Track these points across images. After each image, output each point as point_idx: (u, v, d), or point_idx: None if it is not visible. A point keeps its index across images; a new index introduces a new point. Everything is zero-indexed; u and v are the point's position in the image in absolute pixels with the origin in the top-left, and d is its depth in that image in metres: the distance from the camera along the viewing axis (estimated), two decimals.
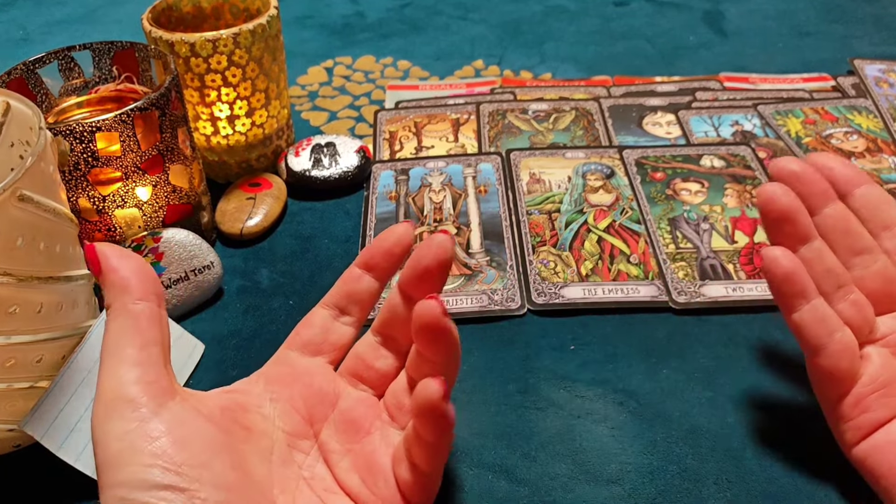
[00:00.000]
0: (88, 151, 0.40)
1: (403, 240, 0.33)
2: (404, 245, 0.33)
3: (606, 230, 0.49)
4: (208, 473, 0.25)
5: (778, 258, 0.32)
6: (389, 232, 0.33)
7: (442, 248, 0.31)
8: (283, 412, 0.31)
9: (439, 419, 0.27)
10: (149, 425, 0.25)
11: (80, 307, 0.36)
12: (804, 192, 0.34)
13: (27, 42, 0.79)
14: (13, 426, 0.34)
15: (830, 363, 0.31)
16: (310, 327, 0.33)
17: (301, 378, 0.32)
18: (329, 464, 0.31)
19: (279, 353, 0.33)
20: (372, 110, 0.64)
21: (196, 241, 0.44)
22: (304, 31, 0.79)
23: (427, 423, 0.27)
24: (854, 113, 0.60)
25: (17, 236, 0.30)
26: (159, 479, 0.24)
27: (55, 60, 0.46)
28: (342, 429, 0.31)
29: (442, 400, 0.26)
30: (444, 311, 0.28)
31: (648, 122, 0.60)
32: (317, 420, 0.31)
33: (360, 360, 0.33)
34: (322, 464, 0.31)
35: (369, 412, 0.32)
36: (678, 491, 0.34)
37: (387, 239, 0.33)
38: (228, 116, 0.52)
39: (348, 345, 0.34)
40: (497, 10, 0.82)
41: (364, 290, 0.33)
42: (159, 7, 0.52)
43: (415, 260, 0.31)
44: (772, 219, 0.33)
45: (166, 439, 0.25)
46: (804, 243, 0.33)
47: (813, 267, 0.32)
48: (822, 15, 0.78)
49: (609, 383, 0.40)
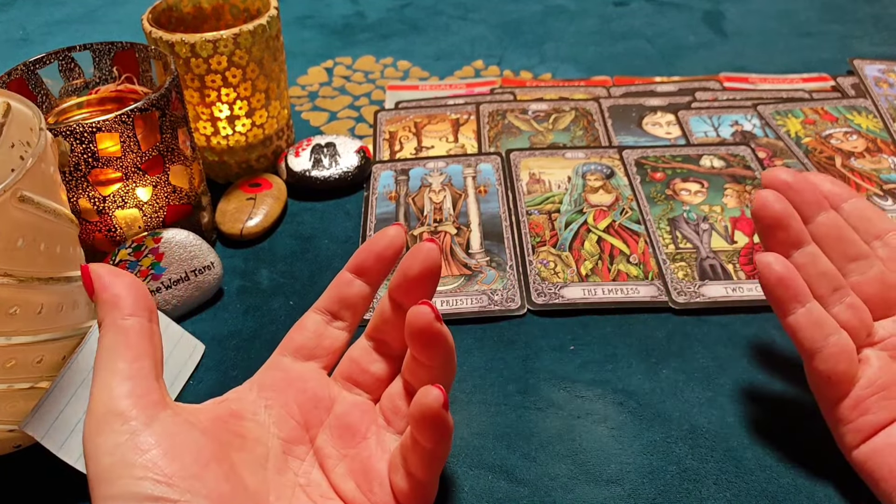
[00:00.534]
0: (89, 152, 0.40)
1: (395, 243, 0.32)
2: (395, 248, 0.33)
3: (606, 230, 0.49)
4: (200, 485, 0.25)
5: (771, 263, 0.32)
6: (380, 235, 0.33)
7: (429, 257, 0.30)
8: (279, 418, 0.31)
9: (438, 427, 0.27)
10: (139, 438, 0.25)
11: (81, 308, 0.36)
12: (797, 201, 0.34)
13: (27, 42, 0.79)
14: (14, 427, 0.34)
15: (827, 366, 0.32)
16: (302, 332, 0.33)
17: (295, 383, 0.32)
18: (325, 469, 0.30)
19: (272, 358, 0.33)
20: (372, 110, 0.64)
21: (196, 241, 0.44)
22: (304, 32, 0.79)
23: (426, 430, 0.27)
24: (854, 113, 0.60)
25: (17, 237, 0.30)
26: (150, 491, 0.24)
27: (55, 61, 0.46)
28: (337, 434, 0.31)
29: (442, 407, 0.27)
30: (437, 317, 0.28)
31: (648, 123, 0.60)
32: (312, 425, 0.31)
33: (354, 364, 0.33)
34: (318, 469, 0.31)
35: (365, 417, 0.32)
36: (678, 491, 0.34)
37: (377, 243, 0.33)
38: (228, 117, 0.52)
39: (341, 349, 0.33)
40: (497, 10, 0.82)
41: (355, 294, 0.33)
42: (159, 7, 0.52)
43: (402, 270, 0.31)
44: (765, 225, 0.33)
45: (157, 451, 0.25)
46: (798, 248, 0.33)
47: (807, 271, 0.33)
48: (822, 15, 0.78)
49: (609, 383, 0.40)
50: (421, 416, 0.27)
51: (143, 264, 0.43)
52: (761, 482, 0.34)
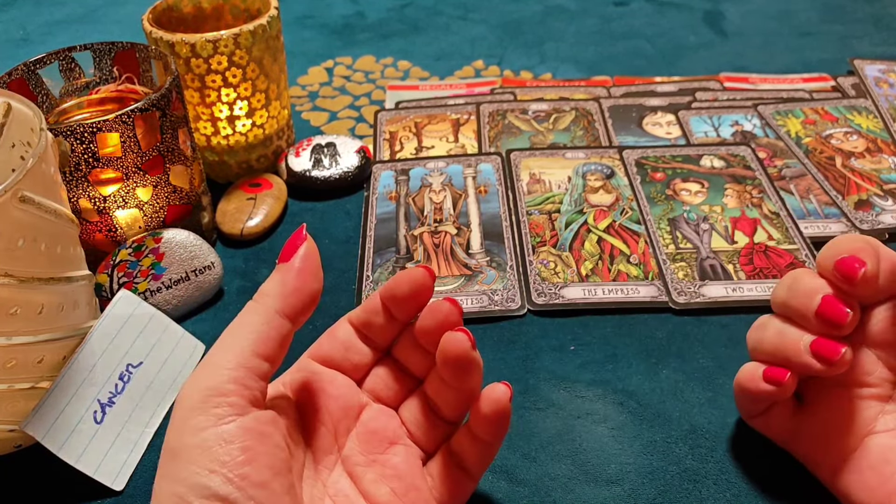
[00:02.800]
0: (89, 152, 0.40)
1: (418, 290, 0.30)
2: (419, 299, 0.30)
3: (606, 230, 0.49)
4: (265, 494, 0.24)
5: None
6: (403, 277, 0.30)
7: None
8: (312, 428, 0.30)
9: (503, 420, 0.29)
10: (227, 427, 0.25)
11: (81, 308, 0.36)
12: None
13: (27, 42, 0.79)
14: (14, 427, 0.34)
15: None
16: (332, 341, 0.32)
17: (326, 389, 0.31)
18: (353, 477, 0.30)
19: (302, 361, 0.32)
20: (372, 110, 0.64)
21: (197, 241, 0.44)
22: (304, 31, 0.79)
23: (492, 425, 0.29)
24: (854, 113, 0.60)
25: (18, 237, 0.30)
26: (218, 488, 0.23)
27: (56, 61, 0.46)
28: (364, 439, 0.31)
29: (509, 402, 0.29)
30: (473, 345, 0.28)
31: (648, 123, 0.60)
32: (341, 434, 0.31)
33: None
34: (346, 478, 0.30)
35: (391, 422, 0.31)
36: (678, 491, 0.34)
37: (398, 287, 0.30)
38: (229, 117, 0.52)
39: (368, 366, 0.32)
40: (497, 10, 0.82)
41: (381, 325, 0.31)
42: (160, 7, 0.52)
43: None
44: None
45: (237, 446, 0.24)
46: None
47: None
48: (822, 15, 0.78)
49: (609, 384, 0.40)
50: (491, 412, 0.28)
51: (143, 264, 0.43)
52: (761, 482, 0.34)
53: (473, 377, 0.29)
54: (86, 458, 0.34)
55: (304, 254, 0.28)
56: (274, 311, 0.27)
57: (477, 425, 0.30)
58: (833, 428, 0.31)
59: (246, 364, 0.26)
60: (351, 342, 0.32)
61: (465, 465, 0.30)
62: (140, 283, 0.43)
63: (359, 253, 0.49)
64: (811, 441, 0.33)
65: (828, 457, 0.32)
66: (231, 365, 0.26)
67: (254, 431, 0.25)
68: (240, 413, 0.25)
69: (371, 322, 0.32)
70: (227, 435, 0.24)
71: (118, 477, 0.35)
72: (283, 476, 0.26)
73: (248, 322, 0.27)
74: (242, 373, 0.26)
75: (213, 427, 0.24)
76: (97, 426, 0.35)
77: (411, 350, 0.32)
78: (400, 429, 0.31)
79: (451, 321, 0.29)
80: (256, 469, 0.24)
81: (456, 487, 0.30)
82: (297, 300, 0.28)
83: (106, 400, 0.36)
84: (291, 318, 0.28)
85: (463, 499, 0.31)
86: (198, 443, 0.24)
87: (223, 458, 0.24)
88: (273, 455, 0.25)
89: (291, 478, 0.26)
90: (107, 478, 0.35)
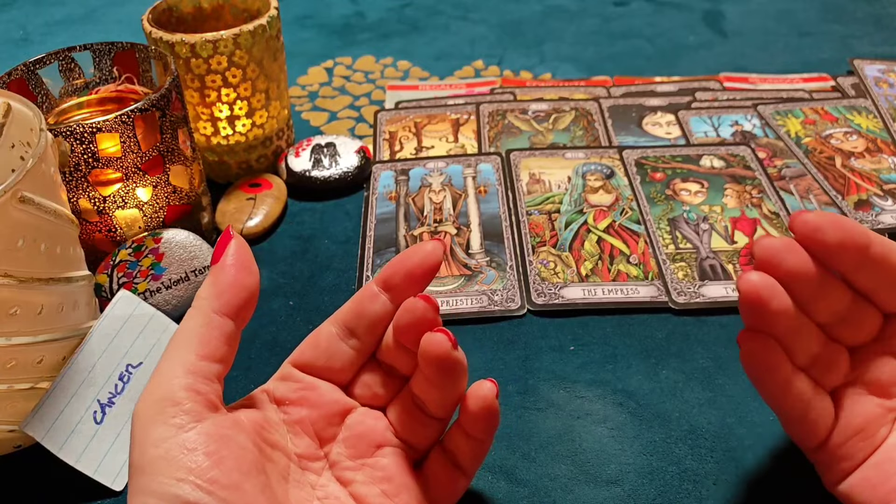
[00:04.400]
0: (89, 152, 0.40)
1: (428, 260, 0.30)
2: (428, 266, 0.30)
3: (606, 230, 0.49)
4: (238, 495, 0.24)
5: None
6: (415, 249, 0.30)
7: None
8: (295, 433, 0.30)
9: (492, 417, 0.30)
10: (187, 434, 0.25)
11: (81, 308, 0.36)
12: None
13: (27, 42, 0.79)
14: (14, 427, 0.34)
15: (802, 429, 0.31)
16: (314, 348, 0.31)
17: (309, 398, 0.31)
18: (342, 481, 0.30)
19: (284, 368, 0.32)
20: (372, 110, 0.64)
21: (196, 241, 0.44)
22: (304, 32, 0.79)
23: (481, 422, 0.29)
24: (854, 113, 0.60)
25: (17, 238, 0.30)
26: (188, 496, 0.23)
27: (55, 61, 0.46)
28: (351, 444, 0.30)
29: (496, 399, 0.29)
30: (454, 345, 0.28)
31: (648, 123, 0.60)
32: (326, 440, 0.31)
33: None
34: (335, 482, 0.30)
35: (378, 424, 0.31)
36: (678, 491, 0.34)
37: (410, 258, 0.30)
38: (228, 117, 0.52)
39: (353, 369, 0.32)
40: (497, 10, 0.82)
41: (377, 312, 0.30)
42: (159, 8, 0.52)
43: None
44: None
45: (202, 452, 0.24)
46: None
47: None
48: (822, 15, 0.78)
49: (608, 384, 0.40)
50: (478, 408, 0.29)
51: (143, 264, 0.43)
52: (761, 482, 0.34)
53: (458, 376, 0.29)
54: (85, 459, 0.34)
55: (234, 251, 0.28)
56: (211, 312, 0.27)
57: (466, 423, 0.30)
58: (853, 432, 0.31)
59: (193, 369, 0.26)
60: (334, 346, 0.31)
61: (459, 463, 0.31)
62: (140, 284, 0.43)
63: (358, 253, 0.49)
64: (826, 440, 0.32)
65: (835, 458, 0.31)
66: (179, 373, 0.26)
67: (215, 435, 0.25)
68: (198, 419, 0.25)
69: (362, 311, 0.31)
70: (190, 443, 0.24)
71: (118, 477, 0.35)
72: (255, 477, 0.26)
73: (189, 328, 0.27)
74: (192, 379, 0.26)
75: (173, 437, 0.24)
76: (97, 426, 0.35)
77: (395, 350, 0.31)
78: (387, 430, 0.31)
79: (427, 318, 0.29)
80: (224, 472, 0.24)
81: (450, 485, 0.31)
82: (233, 296, 0.28)
83: (106, 400, 0.36)
84: (231, 315, 0.28)
85: (457, 496, 0.31)
86: (161, 454, 0.24)
87: (189, 466, 0.24)
88: (239, 457, 0.25)
89: (265, 479, 0.26)
90: (106, 478, 0.35)
